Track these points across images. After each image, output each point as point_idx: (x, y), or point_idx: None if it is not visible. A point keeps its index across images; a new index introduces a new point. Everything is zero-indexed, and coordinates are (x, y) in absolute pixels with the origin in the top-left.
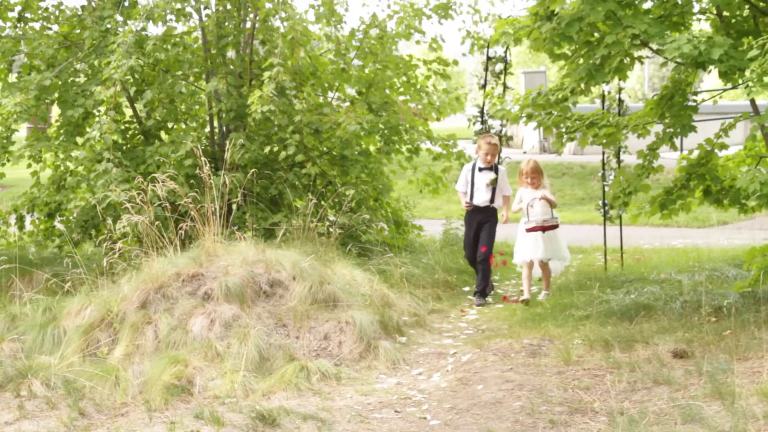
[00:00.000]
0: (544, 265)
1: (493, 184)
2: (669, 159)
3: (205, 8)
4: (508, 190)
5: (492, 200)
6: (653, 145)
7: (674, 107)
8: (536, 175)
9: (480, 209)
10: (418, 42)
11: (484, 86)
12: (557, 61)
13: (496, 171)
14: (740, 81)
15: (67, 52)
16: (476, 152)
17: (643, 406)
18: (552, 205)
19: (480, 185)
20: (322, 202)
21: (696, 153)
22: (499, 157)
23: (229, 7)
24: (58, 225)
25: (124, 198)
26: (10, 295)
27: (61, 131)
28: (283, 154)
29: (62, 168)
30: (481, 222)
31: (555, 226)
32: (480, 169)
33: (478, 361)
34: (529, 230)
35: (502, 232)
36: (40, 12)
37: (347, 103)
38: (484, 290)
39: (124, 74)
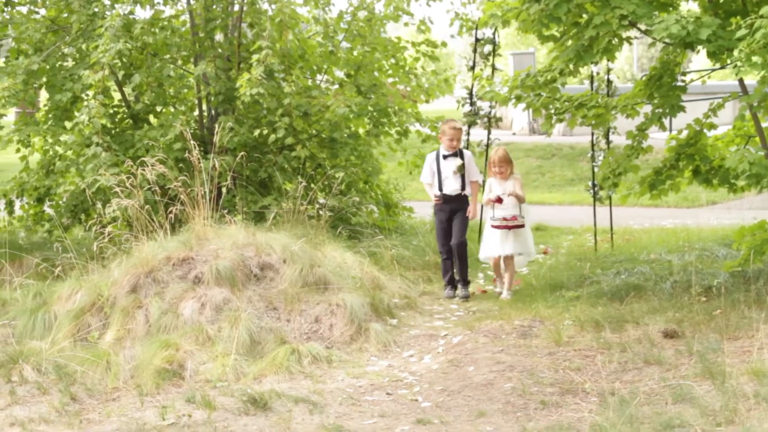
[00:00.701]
0: (509, 261)
1: (461, 171)
2: (658, 139)
3: None
4: (476, 175)
5: (463, 187)
6: (642, 126)
7: (663, 88)
8: (504, 164)
9: (451, 198)
10: (406, 24)
11: (472, 68)
12: (546, 43)
13: (462, 156)
14: (729, 61)
15: (54, 36)
16: (439, 138)
17: (633, 387)
18: (520, 200)
19: (448, 173)
20: (312, 185)
21: (685, 133)
22: (489, 139)
23: None
24: (48, 210)
25: (114, 182)
26: (1, 280)
27: (50, 115)
28: (272, 137)
29: (51, 152)
30: (454, 211)
31: (521, 226)
32: (445, 157)
33: (469, 343)
34: (494, 227)
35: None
36: None
37: (336, 86)
38: (466, 278)
39: (112, 58)
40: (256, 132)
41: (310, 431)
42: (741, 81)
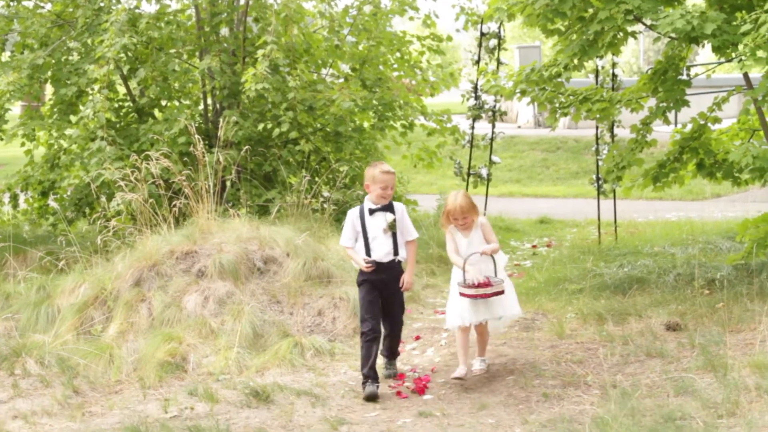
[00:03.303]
0: (482, 328)
1: (393, 229)
2: (662, 133)
3: None
4: (412, 233)
5: (396, 251)
6: (646, 120)
7: (667, 82)
8: (468, 213)
9: (383, 267)
10: (411, 18)
11: (477, 62)
12: (551, 37)
13: (392, 210)
14: (734, 55)
15: (59, 30)
16: (365, 188)
17: (635, 379)
18: (494, 252)
19: (376, 233)
20: (316, 179)
21: (689, 127)
22: (493, 133)
23: None
24: (52, 203)
25: (118, 176)
26: (4, 273)
27: (55, 110)
28: (276, 131)
29: (56, 146)
30: (386, 283)
31: (499, 293)
32: (371, 212)
33: (471, 336)
34: (463, 296)
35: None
36: None
37: (341, 80)
38: (396, 351)
39: (117, 52)
40: (261, 126)
41: (312, 424)
42: (746, 75)
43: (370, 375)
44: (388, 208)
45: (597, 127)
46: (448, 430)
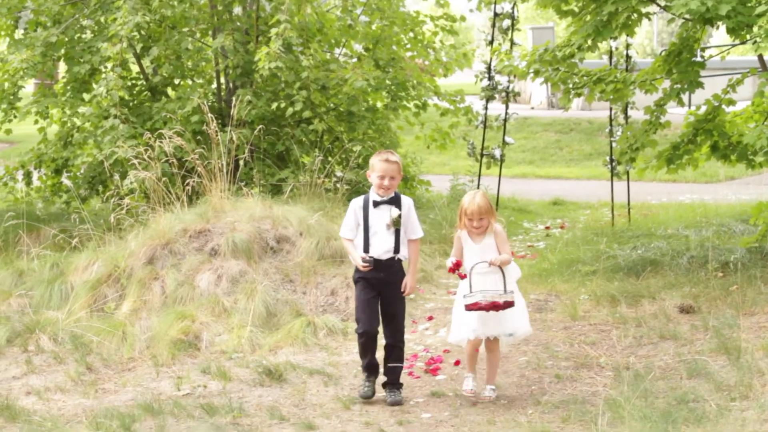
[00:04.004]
0: (492, 345)
1: (398, 225)
2: (676, 115)
3: None
4: (417, 231)
5: (397, 248)
6: (660, 101)
7: (681, 63)
8: (485, 216)
9: (381, 265)
10: None
11: (491, 42)
12: (565, 18)
13: (399, 204)
14: (748, 37)
15: (73, 8)
16: (368, 176)
17: (648, 361)
18: (505, 263)
19: (378, 228)
20: (329, 158)
21: (703, 109)
22: (507, 114)
23: None
24: (66, 181)
25: (132, 154)
26: (18, 250)
27: (68, 87)
28: (290, 110)
29: (69, 124)
30: (385, 283)
31: (509, 305)
32: (375, 204)
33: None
34: (469, 308)
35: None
36: None
37: (354, 60)
38: (398, 379)
39: (130, 30)
40: (274, 105)
41: (324, 403)
42: (760, 57)
43: (367, 368)
44: (395, 201)
45: (611, 109)
46: (460, 410)
